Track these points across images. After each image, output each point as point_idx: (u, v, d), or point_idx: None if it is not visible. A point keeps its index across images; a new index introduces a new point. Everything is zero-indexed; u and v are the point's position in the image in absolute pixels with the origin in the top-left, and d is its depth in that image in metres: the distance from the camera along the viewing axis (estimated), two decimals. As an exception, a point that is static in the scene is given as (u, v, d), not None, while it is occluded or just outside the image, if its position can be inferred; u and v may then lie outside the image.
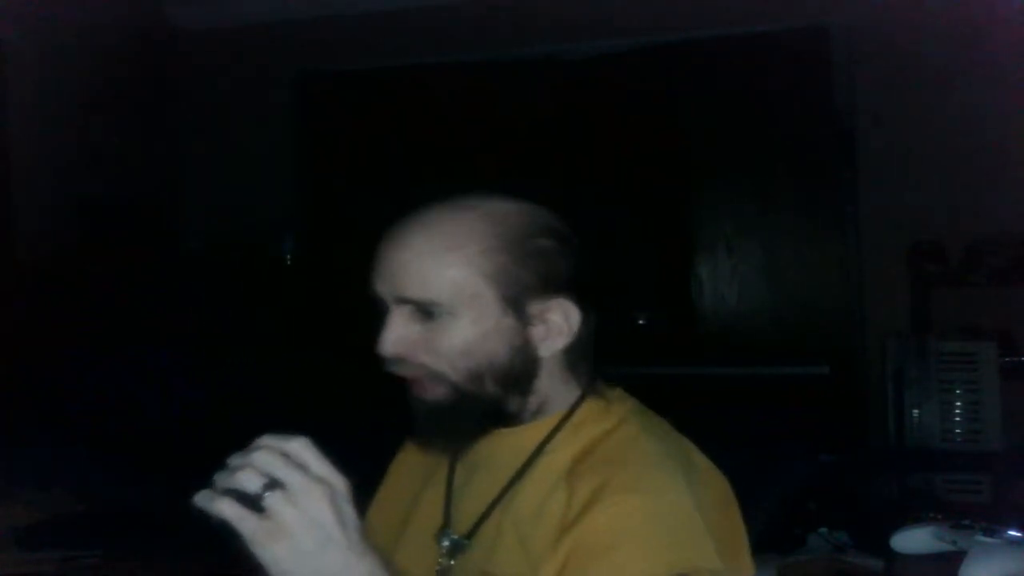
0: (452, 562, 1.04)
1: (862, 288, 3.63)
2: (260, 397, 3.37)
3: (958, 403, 3.09)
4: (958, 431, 3.08)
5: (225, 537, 0.77)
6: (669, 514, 0.93)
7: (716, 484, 1.03)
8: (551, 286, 1.02)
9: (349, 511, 0.81)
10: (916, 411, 3.12)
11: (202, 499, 0.79)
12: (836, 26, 3.61)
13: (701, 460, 1.04)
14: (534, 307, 1.02)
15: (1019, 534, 1.65)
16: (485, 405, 1.02)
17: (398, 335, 1.02)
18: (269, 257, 3.90)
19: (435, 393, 1.02)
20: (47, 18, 3.49)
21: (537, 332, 1.02)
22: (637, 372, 1.18)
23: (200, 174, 4.24)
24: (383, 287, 1.04)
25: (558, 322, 1.03)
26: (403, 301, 1.01)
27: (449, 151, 3.95)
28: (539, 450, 1.03)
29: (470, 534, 1.04)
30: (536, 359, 1.03)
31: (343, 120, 4.15)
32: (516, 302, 1.01)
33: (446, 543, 1.05)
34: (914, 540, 1.77)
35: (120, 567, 2.02)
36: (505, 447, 1.06)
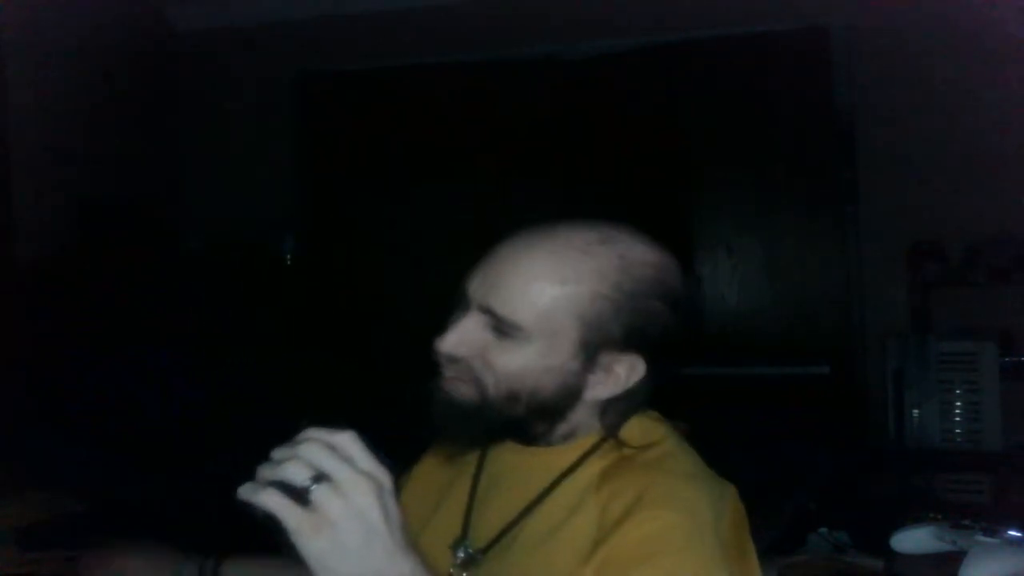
0: (464, 574, 1.04)
1: (862, 288, 3.63)
2: (260, 397, 3.37)
3: (958, 403, 3.09)
4: (958, 431, 3.08)
5: (270, 530, 0.76)
6: (700, 534, 0.93)
7: (734, 507, 1.03)
8: (632, 343, 1.00)
9: (393, 507, 0.80)
10: (916, 411, 3.12)
11: (246, 491, 0.77)
12: (836, 26, 3.61)
13: (722, 483, 1.04)
14: (605, 357, 1.00)
15: (1019, 534, 1.65)
16: (508, 421, 1.02)
17: (462, 338, 1.00)
18: (269, 257, 3.90)
19: (464, 394, 1.01)
20: (47, 18, 3.49)
21: (595, 378, 1.01)
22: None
23: (200, 174, 4.24)
24: (476, 289, 1.00)
25: (620, 375, 1.01)
26: (487, 311, 0.99)
27: (449, 151, 3.95)
28: (568, 472, 1.03)
29: (487, 548, 1.04)
30: (579, 398, 1.02)
31: (343, 120, 4.15)
32: (592, 349, 0.99)
33: (461, 555, 1.05)
34: (914, 540, 1.77)
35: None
36: (534, 465, 1.05)
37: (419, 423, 1.06)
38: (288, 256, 3.92)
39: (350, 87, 4.16)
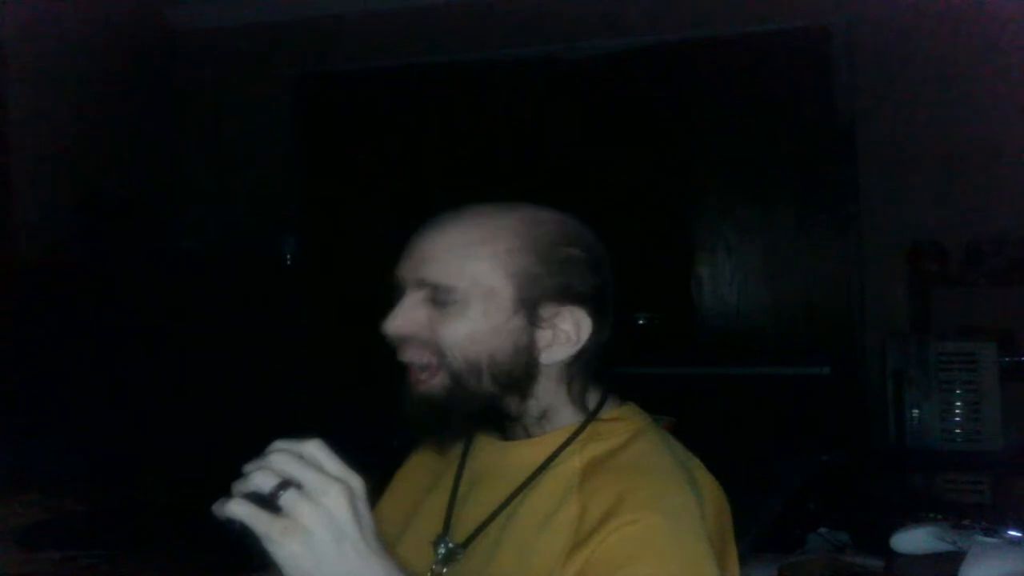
0: (445, 570, 1.04)
1: (862, 288, 3.63)
2: (259, 397, 3.37)
3: (958, 403, 3.09)
4: (958, 431, 3.08)
5: (244, 541, 0.77)
6: (684, 534, 0.94)
7: (715, 498, 1.03)
8: (569, 294, 1.03)
9: (365, 511, 0.80)
10: (916, 411, 3.12)
11: (218, 507, 0.78)
12: (836, 26, 3.61)
13: (703, 475, 1.05)
14: (547, 311, 1.02)
15: (1019, 534, 1.65)
16: (480, 402, 1.02)
17: (406, 315, 1.02)
18: (269, 257, 3.90)
19: (431, 384, 1.02)
20: (47, 18, 3.49)
21: (543, 336, 1.03)
22: (637, 372, 1.17)
23: (200, 174, 4.24)
24: (406, 270, 1.04)
25: (567, 330, 1.03)
26: (421, 284, 1.02)
27: (449, 150, 3.95)
28: (547, 463, 1.03)
29: (466, 543, 1.04)
30: (537, 364, 1.03)
31: (343, 120, 4.14)
32: (530, 304, 1.02)
33: (442, 550, 1.05)
34: (914, 540, 1.77)
35: (120, 567, 2.02)
36: (513, 459, 1.06)
37: (399, 425, 1.07)
38: (288, 256, 3.92)
39: (350, 87, 4.16)
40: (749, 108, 3.69)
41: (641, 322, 3.73)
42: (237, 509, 0.77)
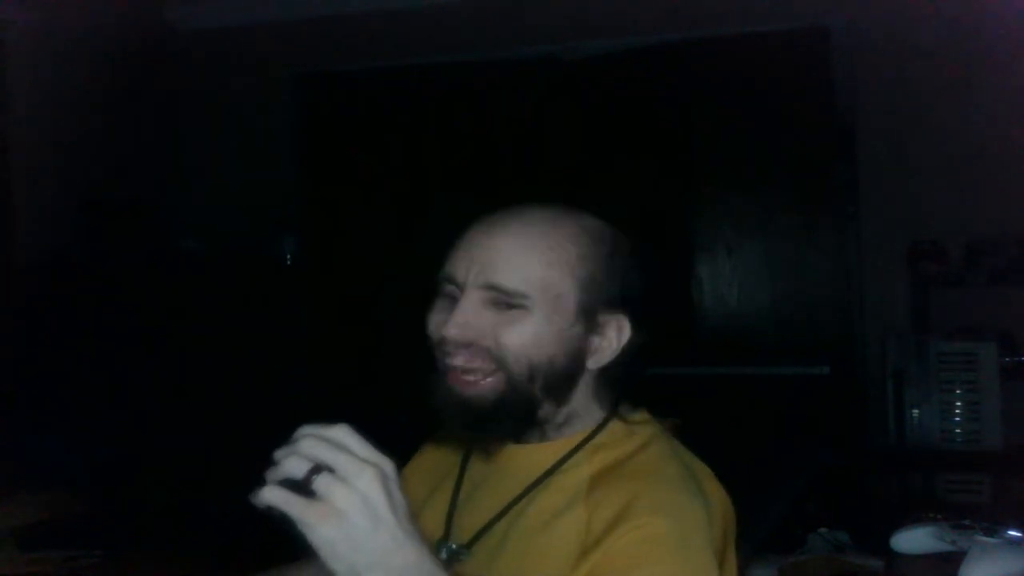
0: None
1: (862, 288, 3.63)
2: (259, 397, 3.38)
3: (958, 403, 3.09)
4: (958, 431, 3.08)
5: (288, 530, 0.76)
6: (689, 540, 0.94)
7: (721, 505, 1.04)
8: (618, 302, 1.05)
9: (398, 493, 0.79)
10: (916, 411, 3.12)
11: (255, 496, 0.77)
12: (836, 26, 3.61)
13: (710, 482, 1.05)
14: (601, 318, 1.04)
15: (1019, 534, 1.66)
16: (524, 406, 1.02)
17: (468, 319, 1.01)
18: (269, 257, 3.90)
19: (482, 386, 1.01)
20: (47, 18, 3.49)
21: (594, 342, 1.04)
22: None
23: (200, 174, 4.23)
24: (465, 272, 1.02)
25: (611, 337, 1.05)
26: (489, 288, 1.01)
27: (448, 151, 3.95)
28: (555, 468, 1.04)
29: (471, 543, 1.04)
30: (583, 368, 1.05)
31: (342, 120, 4.14)
32: (590, 311, 1.03)
33: (444, 554, 1.04)
34: (914, 540, 1.77)
35: (120, 567, 2.02)
36: (522, 462, 1.06)
37: (427, 419, 1.06)
38: (288, 256, 3.92)
39: (349, 87, 4.15)
40: (749, 108, 3.68)
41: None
42: (271, 495, 0.76)
